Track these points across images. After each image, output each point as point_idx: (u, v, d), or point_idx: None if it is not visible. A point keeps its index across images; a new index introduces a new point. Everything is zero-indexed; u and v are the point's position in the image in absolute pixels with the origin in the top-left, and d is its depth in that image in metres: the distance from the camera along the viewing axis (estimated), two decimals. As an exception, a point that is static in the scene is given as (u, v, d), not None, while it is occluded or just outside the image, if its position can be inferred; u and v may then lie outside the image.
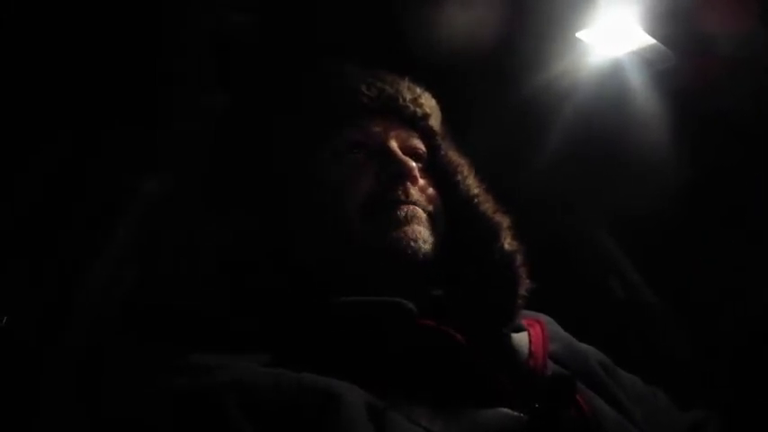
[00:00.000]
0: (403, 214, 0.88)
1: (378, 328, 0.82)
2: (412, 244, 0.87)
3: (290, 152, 0.95)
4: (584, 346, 0.97)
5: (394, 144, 0.93)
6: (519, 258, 0.93)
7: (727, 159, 1.21)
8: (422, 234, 0.88)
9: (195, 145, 1.07)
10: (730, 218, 1.20)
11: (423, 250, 0.87)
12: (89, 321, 0.94)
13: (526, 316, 0.95)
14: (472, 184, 0.98)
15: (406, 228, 0.87)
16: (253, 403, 0.70)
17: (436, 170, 0.97)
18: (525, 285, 0.92)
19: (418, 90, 1.00)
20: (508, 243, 0.94)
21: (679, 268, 1.23)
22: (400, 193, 0.89)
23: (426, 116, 0.99)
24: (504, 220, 0.95)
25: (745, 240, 1.18)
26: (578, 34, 1.16)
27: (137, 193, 1.04)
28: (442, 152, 0.99)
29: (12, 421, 0.86)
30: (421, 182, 0.93)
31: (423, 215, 0.89)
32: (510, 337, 0.89)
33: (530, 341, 0.89)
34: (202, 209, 0.98)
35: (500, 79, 1.20)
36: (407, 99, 0.98)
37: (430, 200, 0.93)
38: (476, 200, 0.96)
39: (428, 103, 1.00)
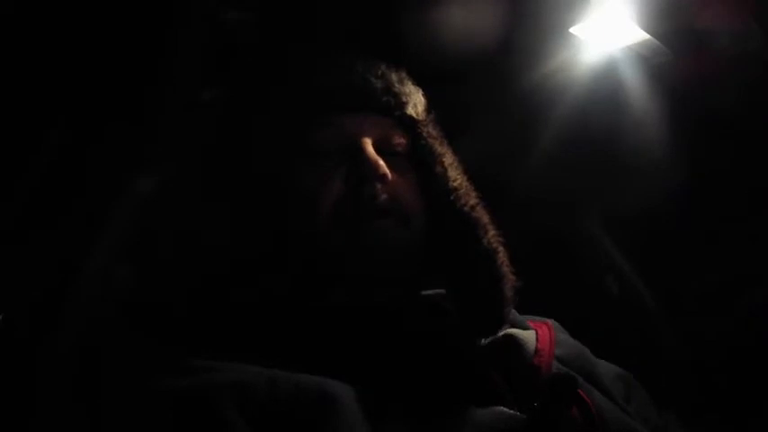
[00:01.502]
0: (372, 233, 0.86)
1: (373, 329, 0.82)
2: (380, 265, 0.85)
3: (268, 154, 0.93)
4: (602, 361, 0.96)
5: (366, 141, 0.89)
6: (500, 256, 0.91)
7: (724, 156, 1.20)
8: (391, 251, 0.86)
9: (195, 143, 1.07)
10: (727, 215, 1.19)
11: (394, 264, 0.86)
12: (87, 321, 0.95)
13: (533, 320, 0.95)
14: (452, 175, 0.94)
15: (375, 246, 0.85)
16: (251, 404, 0.70)
17: (417, 160, 0.94)
18: (510, 283, 0.90)
19: (393, 77, 0.95)
20: (487, 240, 0.91)
21: (676, 267, 1.22)
22: (366, 196, 0.86)
23: (402, 105, 0.94)
24: (483, 216, 0.93)
25: (744, 239, 1.17)
26: (572, 30, 1.16)
27: (135, 191, 1.04)
28: (423, 141, 0.95)
29: (10, 421, 0.87)
30: (395, 177, 0.89)
31: (393, 227, 0.87)
32: (516, 335, 0.89)
33: (537, 339, 0.88)
34: (200, 208, 0.98)
35: (494, 76, 1.19)
36: (379, 89, 0.93)
37: (401, 197, 0.89)
38: (453, 194, 0.93)
39: (404, 90, 0.95)
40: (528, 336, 0.89)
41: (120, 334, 0.87)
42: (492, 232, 0.92)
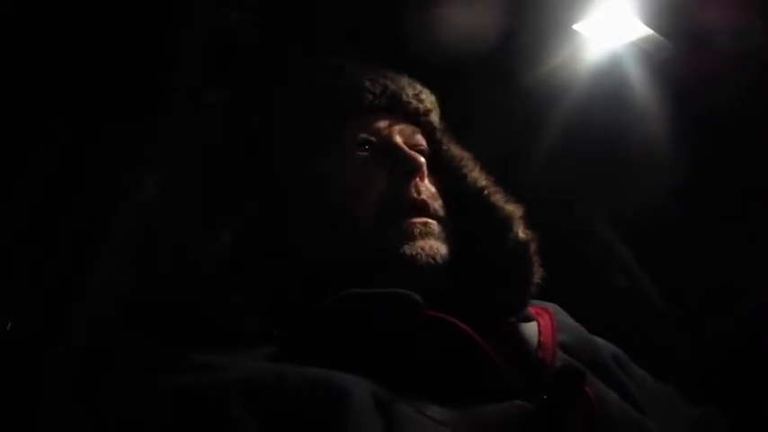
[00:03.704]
0: (418, 229, 0.88)
1: (384, 319, 0.82)
2: (427, 260, 0.87)
3: (294, 151, 0.95)
4: (597, 338, 0.98)
5: (400, 140, 0.93)
6: (533, 247, 0.94)
7: (726, 153, 1.20)
8: (437, 249, 0.88)
9: (196, 144, 1.07)
10: (728, 214, 1.19)
11: (436, 265, 0.87)
12: (89, 321, 0.95)
13: (534, 305, 0.96)
14: (479, 176, 0.98)
15: (422, 243, 0.87)
16: (258, 400, 0.70)
17: (440, 165, 0.97)
18: (538, 273, 0.93)
19: (418, 86, 1.00)
20: (522, 232, 0.94)
21: (678, 266, 1.22)
22: (413, 191, 0.89)
23: (428, 112, 0.99)
24: (517, 210, 0.96)
25: (746, 237, 1.17)
26: (575, 26, 1.15)
27: (137, 192, 1.04)
28: (445, 147, 0.99)
29: (12, 421, 0.88)
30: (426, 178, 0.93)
31: (436, 226, 0.89)
32: (519, 328, 0.89)
33: (539, 331, 0.89)
34: (203, 208, 0.98)
35: (497, 73, 1.19)
36: (410, 95, 0.98)
37: (436, 197, 0.92)
38: (486, 191, 0.96)
39: (429, 98, 1.00)
40: (530, 328, 0.90)
41: (120, 334, 0.88)
42: (524, 225, 0.95)
